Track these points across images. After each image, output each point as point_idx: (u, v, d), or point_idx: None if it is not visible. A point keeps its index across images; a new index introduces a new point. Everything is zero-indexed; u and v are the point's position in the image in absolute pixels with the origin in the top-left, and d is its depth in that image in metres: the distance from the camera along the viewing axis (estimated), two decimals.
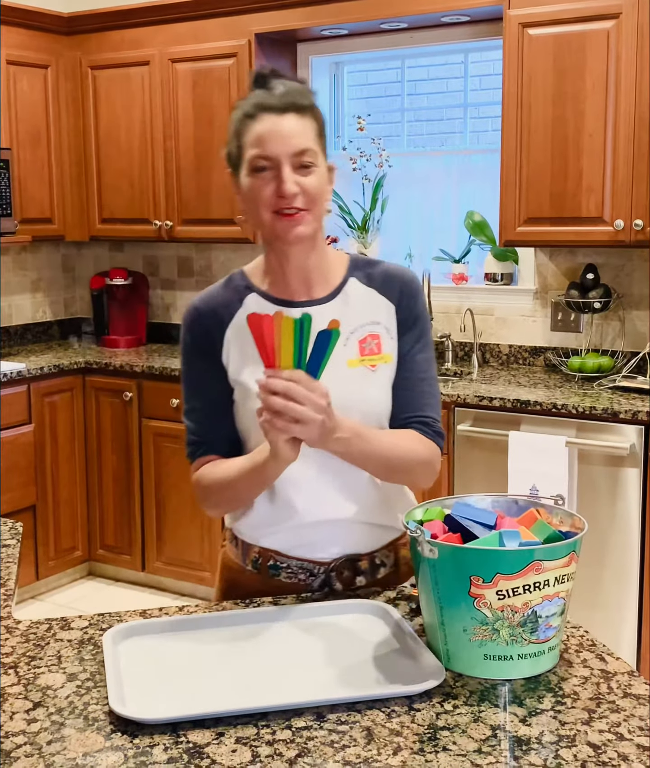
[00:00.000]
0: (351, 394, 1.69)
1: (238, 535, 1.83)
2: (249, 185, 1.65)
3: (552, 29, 3.57)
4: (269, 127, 1.62)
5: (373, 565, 1.80)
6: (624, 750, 1.21)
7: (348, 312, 1.74)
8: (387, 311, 1.76)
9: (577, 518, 1.50)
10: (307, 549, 1.77)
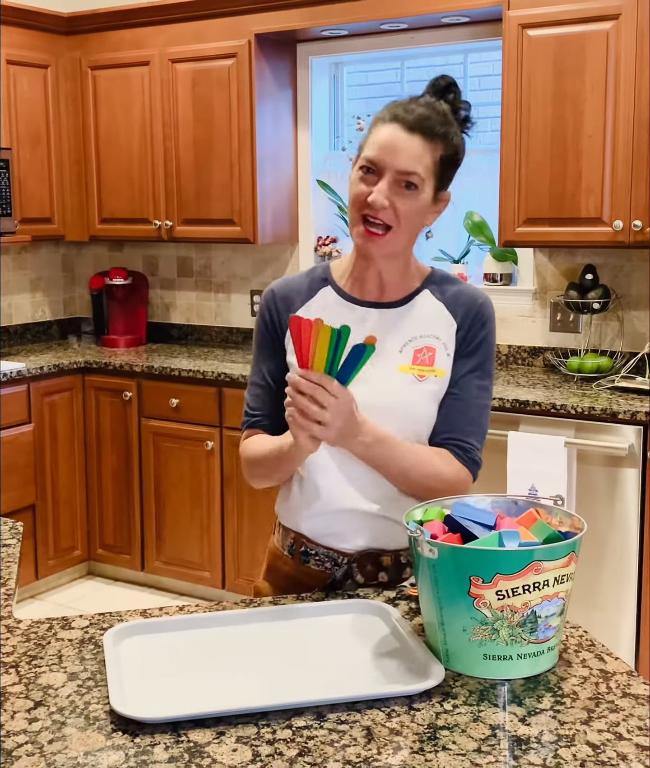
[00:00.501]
0: (393, 396, 1.75)
1: (281, 519, 1.92)
2: (352, 180, 1.73)
3: (552, 30, 3.57)
4: (390, 138, 1.68)
5: (398, 563, 1.82)
6: (623, 749, 1.22)
7: (411, 320, 1.80)
8: (448, 328, 1.80)
9: (576, 518, 1.51)
10: (333, 538, 1.82)
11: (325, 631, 1.57)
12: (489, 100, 4.28)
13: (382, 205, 1.67)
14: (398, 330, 1.79)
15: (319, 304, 1.82)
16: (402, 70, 4.55)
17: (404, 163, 1.67)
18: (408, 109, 1.70)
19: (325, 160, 4.73)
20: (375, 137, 1.70)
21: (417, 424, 1.79)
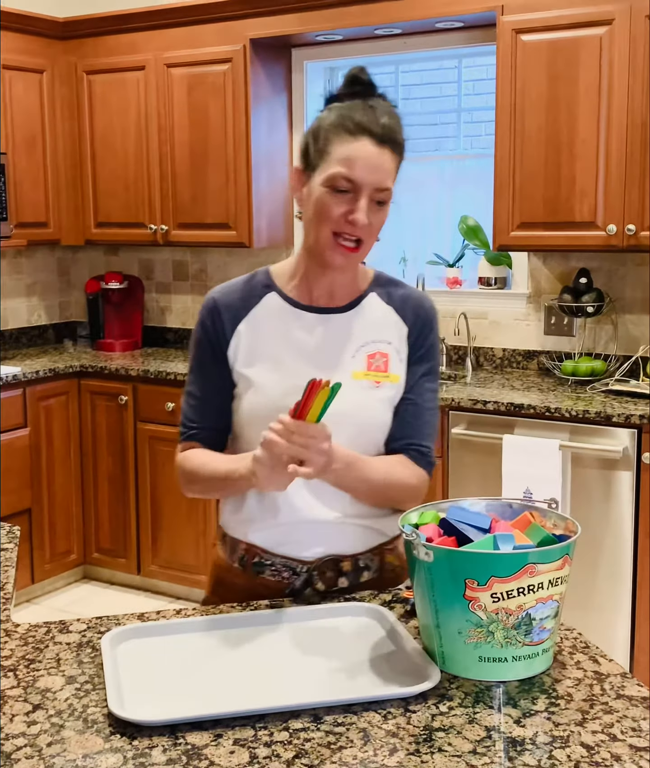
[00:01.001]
0: (351, 404, 1.72)
1: (227, 531, 1.87)
2: (321, 198, 1.65)
3: (545, 35, 3.59)
4: (364, 154, 1.63)
5: (357, 567, 1.80)
6: (617, 750, 1.23)
7: (361, 324, 1.79)
8: (399, 333, 1.80)
9: (570, 521, 1.52)
10: (291, 547, 1.78)
11: (322, 634, 1.58)
12: (484, 105, 4.30)
13: (364, 223, 1.64)
14: (349, 335, 1.77)
15: (264, 312, 1.78)
16: (396, 74, 4.57)
17: (381, 180, 1.65)
18: (372, 119, 1.64)
19: None
20: (344, 150, 1.63)
21: (374, 432, 1.78)
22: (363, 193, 1.64)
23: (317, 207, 1.66)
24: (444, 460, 3.67)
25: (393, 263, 4.63)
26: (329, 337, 1.76)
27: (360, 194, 1.64)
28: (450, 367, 4.32)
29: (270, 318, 1.77)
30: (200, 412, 1.83)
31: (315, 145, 1.68)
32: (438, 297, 4.36)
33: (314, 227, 1.68)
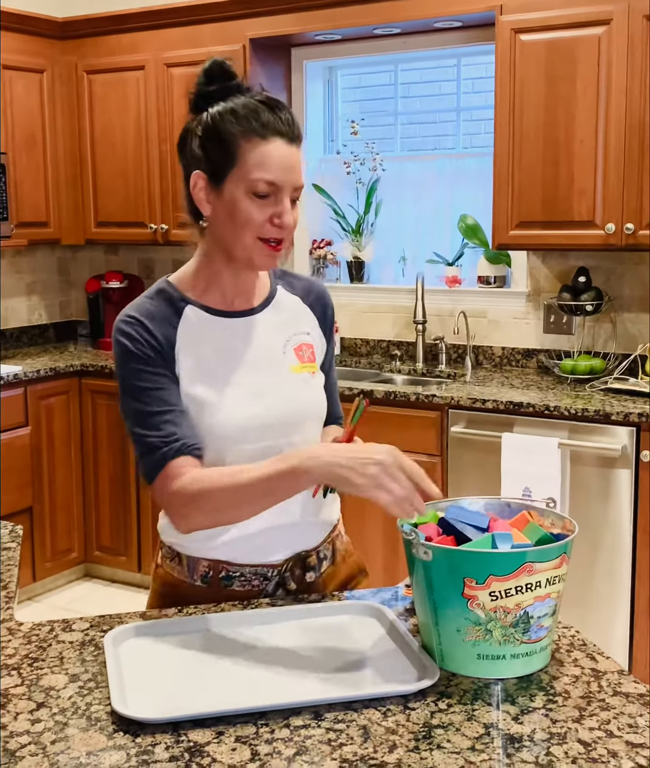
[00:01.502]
0: (300, 400, 1.76)
1: (182, 550, 1.79)
2: (241, 205, 1.61)
3: (544, 35, 3.60)
4: (282, 156, 1.60)
5: (319, 559, 1.83)
6: (613, 747, 1.24)
7: (282, 319, 1.79)
8: (312, 324, 1.83)
9: (568, 520, 1.53)
10: (258, 554, 1.76)
11: (322, 632, 1.59)
12: (483, 103, 4.31)
13: (292, 224, 1.62)
14: (273, 333, 1.77)
15: (189, 327, 1.70)
16: (395, 73, 4.58)
17: (297, 178, 1.62)
18: (276, 117, 1.61)
19: (319, 163, 4.75)
20: (259, 155, 1.59)
21: (323, 419, 1.83)
22: (284, 195, 1.61)
23: (239, 214, 1.61)
24: (444, 458, 3.69)
25: (392, 262, 4.65)
26: (258, 339, 1.75)
27: (281, 195, 1.61)
28: (449, 366, 4.33)
29: (196, 332, 1.70)
30: (172, 424, 1.64)
31: (220, 150, 1.61)
32: (438, 295, 4.38)
33: (236, 236, 1.63)
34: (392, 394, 3.76)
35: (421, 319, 4.33)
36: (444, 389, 3.80)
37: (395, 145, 4.61)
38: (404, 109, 4.58)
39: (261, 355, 1.75)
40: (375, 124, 4.64)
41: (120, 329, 1.70)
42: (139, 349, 1.67)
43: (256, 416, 1.70)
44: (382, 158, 4.51)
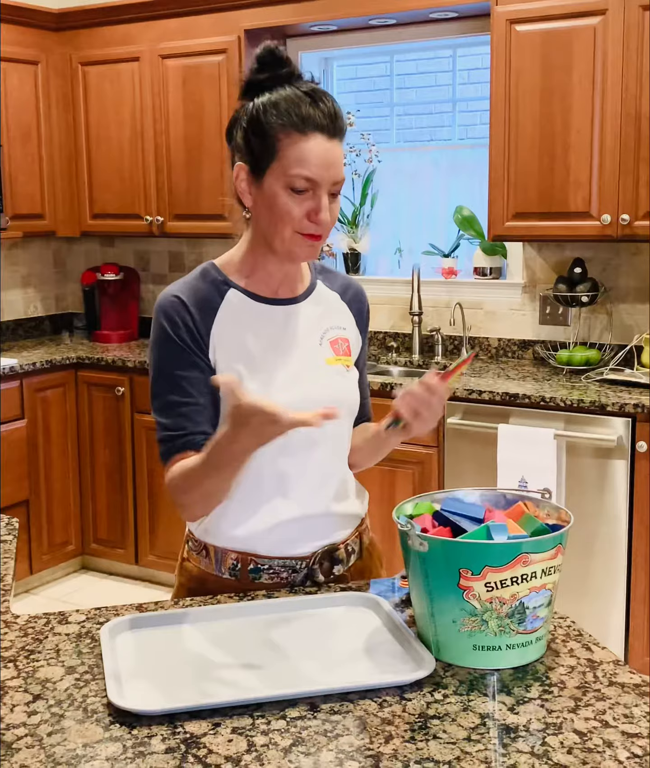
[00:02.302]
0: (334, 391, 1.76)
1: (210, 542, 1.80)
2: (280, 199, 1.61)
3: (540, 25, 3.59)
4: (320, 152, 1.60)
5: (348, 552, 1.83)
6: (609, 737, 1.25)
7: (319, 312, 1.79)
8: (349, 320, 1.84)
9: (564, 511, 1.54)
10: (286, 546, 1.77)
11: (318, 624, 1.60)
12: (478, 95, 4.31)
13: (329, 220, 1.63)
14: (312, 323, 1.77)
15: (230, 310, 1.71)
16: (391, 64, 4.57)
17: (337, 173, 1.62)
18: (317, 110, 1.61)
19: None
20: (298, 150, 1.59)
21: (355, 414, 1.85)
22: (323, 191, 1.61)
23: (277, 209, 1.62)
24: (440, 449, 3.69)
25: (388, 254, 4.64)
26: (297, 328, 1.75)
27: (320, 192, 1.61)
28: (445, 357, 4.34)
29: (237, 316, 1.72)
30: (187, 417, 1.68)
31: (261, 143, 1.62)
32: (434, 287, 4.38)
33: (275, 228, 1.64)
34: (388, 385, 3.76)
35: (417, 311, 4.32)
36: None
37: (391, 136, 4.60)
38: (400, 100, 4.58)
39: (299, 343, 1.75)
40: (371, 116, 4.63)
41: (163, 310, 1.70)
42: (177, 333, 1.68)
43: (290, 403, 1.66)
44: (378, 149, 4.50)
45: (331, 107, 1.63)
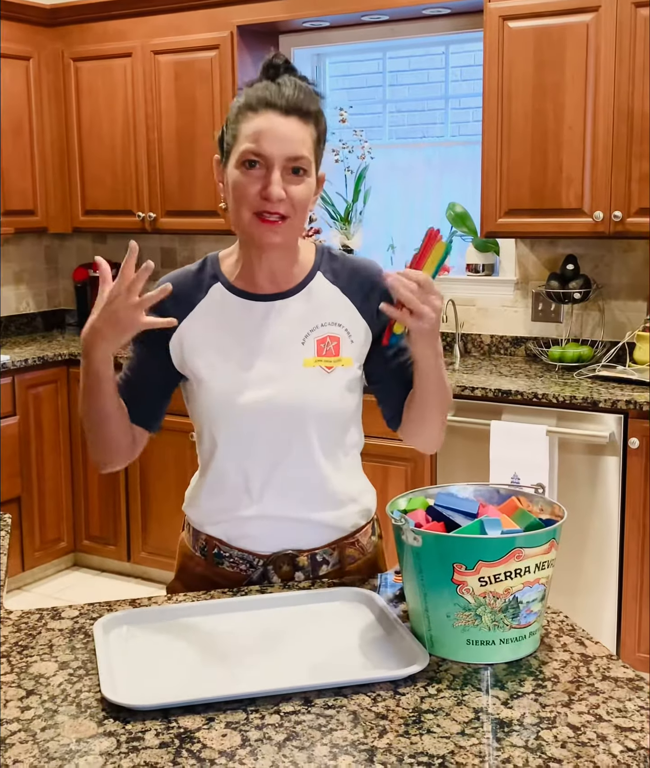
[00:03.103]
0: (303, 393, 1.70)
1: (189, 521, 1.87)
2: (235, 179, 1.62)
3: (532, 22, 3.60)
4: (269, 126, 1.59)
5: (314, 561, 1.79)
6: (602, 731, 1.25)
7: (310, 308, 1.74)
8: (350, 313, 1.75)
9: (557, 506, 1.54)
10: (248, 541, 1.78)
11: (312, 619, 1.60)
12: (471, 91, 4.30)
13: (280, 196, 1.59)
14: (297, 321, 1.72)
15: (209, 305, 1.73)
16: (384, 60, 4.57)
17: (291, 147, 1.60)
18: (275, 92, 1.61)
19: None
20: (249, 127, 1.60)
21: (338, 420, 1.76)
22: (274, 166, 1.59)
23: (234, 190, 1.63)
24: None
25: (381, 250, 4.64)
26: (276, 325, 1.72)
27: (271, 167, 1.60)
28: None
29: (215, 311, 1.73)
30: (126, 393, 1.76)
31: (226, 131, 1.67)
32: None
33: (236, 213, 1.64)
34: None
35: None
36: None
37: (383, 133, 4.60)
38: (392, 97, 4.57)
39: (276, 343, 1.71)
40: (363, 112, 4.62)
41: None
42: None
43: (252, 404, 1.69)
44: (371, 146, 4.50)
45: (293, 88, 1.63)
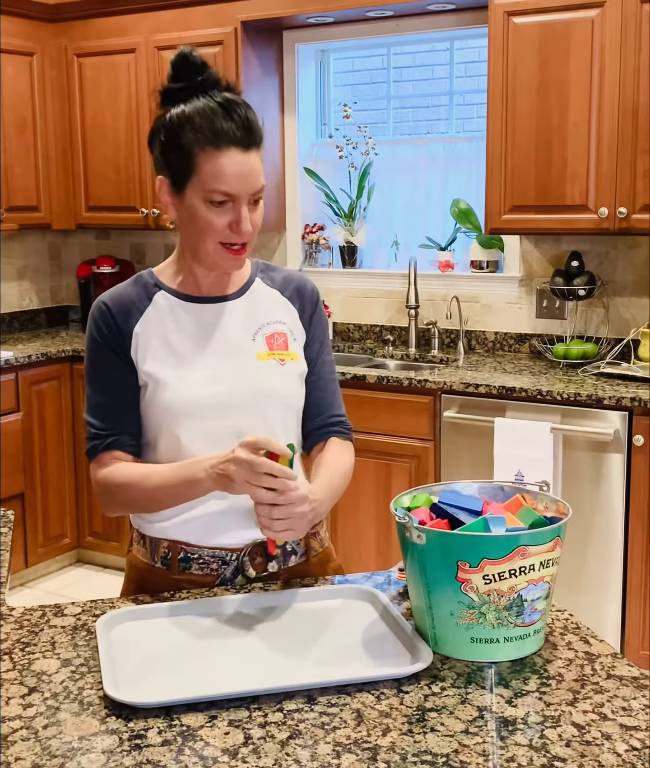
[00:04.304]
0: (263, 384, 1.77)
1: (145, 531, 1.82)
2: (201, 213, 1.65)
3: (537, 18, 3.58)
4: (235, 167, 1.61)
5: (285, 551, 1.81)
6: (607, 730, 1.25)
7: (255, 308, 1.81)
8: (290, 314, 1.84)
9: (561, 504, 1.53)
10: (216, 536, 1.77)
11: (315, 616, 1.59)
12: (475, 87, 4.29)
13: (249, 230, 1.65)
14: (245, 320, 1.79)
15: (157, 310, 1.76)
16: (388, 56, 4.55)
17: (255, 183, 1.64)
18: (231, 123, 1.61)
19: (311, 147, 4.73)
20: (213, 165, 1.61)
21: (295, 410, 1.83)
22: (242, 203, 1.63)
23: (199, 222, 1.65)
24: (437, 443, 3.69)
25: (385, 247, 4.63)
26: (226, 324, 1.77)
27: (239, 204, 1.63)
28: (442, 351, 4.33)
29: (164, 315, 1.76)
30: (113, 418, 1.75)
31: (178, 159, 1.65)
32: (430, 280, 4.38)
33: (198, 241, 1.68)
34: (385, 378, 3.75)
35: (414, 304, 4.32)
36: (437, 374, 3.79)
37: (388, 129, 4.58)
38: (397, 93, 4.56)
39: (228, 340, 1.77)
40: (367, 108, 4.61)
41: (91, 315, 1.78)
42: (102, 337, 1.75)
43: (216, 395, 1.73)
44: (375, 142, 4.49)
45: (245, 117, 1.64)
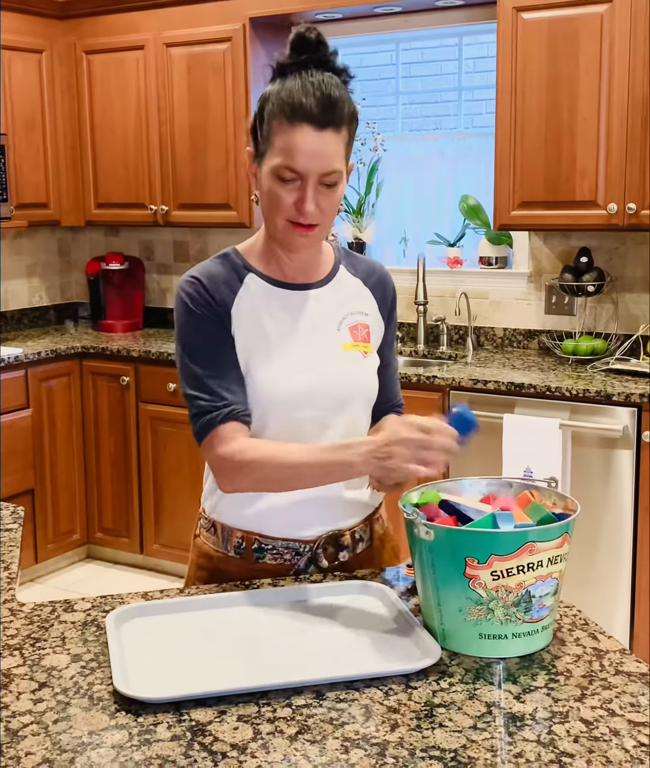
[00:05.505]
0: (348, 376, 1.77)
1: (218, 520, 1.82)
2: (269, 188, 1.63)
3: (546, 13, 3.57)
4: (304, 144, 1.58)
5: (354, 540, 1.83)
6: (615, 726, 1.25)
7: (339, 297, 1.80)
8: (371, 305, 1.84)
9: (570, 500, 1.53)
10: (292, 528, 1.78)
11: (324, 612, 1.60)
12: (484, 83, 4.29)
13: (313, 212, 1.62)
14: (330, 309, 1.78)
15: (248, 293, 1.74)
16: (397, 52, 4.55)
17: (325, 165, 1.60)
18: (310, 100, 1.57)
19: None
20: (284, 140, 1.59)
21: (371, 401, 1.83)
22: (309, 182, 1.60)
23: (268, 197, 1.65)
24: None
25: (393, 243, 4.63)
26: (313, 313, 1.77)
27: (306, 183, 1.61)
28: (450, 347, 4.33)
29: (257, 299, 1.74)
30: (226, 389, 1.68)
31: (260, 130, 1.65)
32: (439, 276, 4.37)
33: (270, 215, 1.67)
34: None
35: (422, 300, 4.32)
36: (446, 370, 3.79)
37: (396, 125, 4.58)
38: (405, 89, 4.56)
39: (315, 328, 1.76)
40: (376, 104, 4.61)
41: (182, 288, 1.73)
42: (199, 308, 1.70)
43: (304, 385, 1.72)
44: (384, 138, 4.49)
45: (327, 96, 1.59)
